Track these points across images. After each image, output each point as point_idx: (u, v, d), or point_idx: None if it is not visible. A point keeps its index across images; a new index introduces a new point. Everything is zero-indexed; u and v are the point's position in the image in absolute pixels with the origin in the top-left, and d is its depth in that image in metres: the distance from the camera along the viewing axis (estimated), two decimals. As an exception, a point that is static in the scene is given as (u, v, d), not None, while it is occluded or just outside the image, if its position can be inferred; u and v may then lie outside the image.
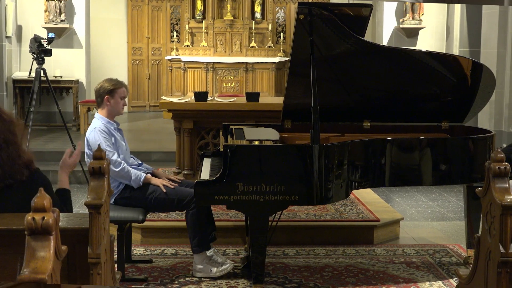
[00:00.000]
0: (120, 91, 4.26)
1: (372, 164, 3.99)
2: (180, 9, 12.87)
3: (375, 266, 4.48)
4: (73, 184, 7.47)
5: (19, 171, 2.66)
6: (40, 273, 1.85)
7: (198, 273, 4.18)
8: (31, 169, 2.71)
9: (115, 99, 4.25)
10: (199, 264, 4.17)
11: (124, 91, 4.30)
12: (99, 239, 2.50)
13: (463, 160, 4.21)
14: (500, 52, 8.45)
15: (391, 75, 4.49)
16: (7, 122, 2.67)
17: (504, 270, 2.75)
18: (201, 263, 4.16)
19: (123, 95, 4.29)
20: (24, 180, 2.66)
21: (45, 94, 9.02)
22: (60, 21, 10.02)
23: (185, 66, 12.10)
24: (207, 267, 4.15)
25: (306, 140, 4.11)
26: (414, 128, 4.67)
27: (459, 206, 6.53)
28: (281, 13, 13.03)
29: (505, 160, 2.91)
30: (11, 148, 2.65)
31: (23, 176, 2.66)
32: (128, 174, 4.15)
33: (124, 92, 4.30)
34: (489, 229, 2.88)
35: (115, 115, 4.34)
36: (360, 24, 4.13)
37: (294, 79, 4.39)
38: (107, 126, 4.25)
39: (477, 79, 4.49)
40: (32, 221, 1.91)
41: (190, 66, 12.11)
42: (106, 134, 4.20)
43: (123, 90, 4.29)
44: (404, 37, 10.54)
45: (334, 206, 5.52)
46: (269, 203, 3.71)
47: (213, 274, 4.14)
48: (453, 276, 4.27)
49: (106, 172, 2.62)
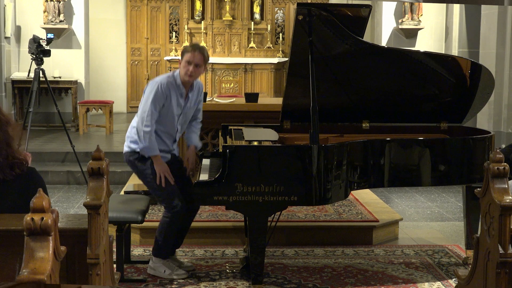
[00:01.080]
0: (187, 55, 4.09)
1: (371, 164, 3.99)
2: (179, 9, 12.86)
3: (374, 267, 4.48)
4: (72, 184, 7.47)
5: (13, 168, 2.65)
6: (39, 273, 1.85)
7: (150, 270, 4.23)
8: (24, 169, 2.70)
9: (182, 62, 4.11)
10: (153, 263, 4.23)
11: (191, 56, 4.08)
12: (98, 239, 2.50)
13: (462, 160, 4.21)
14: (499, 53, 8.45)
15: (390, 75, 4.49)
16: (2, 122, 2.69)
17: (503, 270, 2.76)
18: (156, 262, 4.22)
19: (189, 59, 4.08)
20: (18, 178, 2.66)
21: (44, 95, 9.02)
22: (59, 22, 10.02)
23: (184, 67, 12.08)
24: (162, 267, 4.20)
25: (305, 140, 4.11)
26: (413, 129, 4.68)
27: (458, 206, 6.53)
28: (280, 14, 13.03)
29: (504, 160, 2.92)
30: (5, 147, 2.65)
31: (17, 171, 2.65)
32: (146, 141, 4.06)
33: (190, 57, 4.08)
34: (488, 230, 2.88)
35: (183, 79, 4.14)
36: (359, 25, 4.13)
37: (293, 79, 4.40)
38: (169, 86, 4.11)
39: (476, 80, 4.49)
40: (31, 222, 1.91)
41: (189, 67, 12.09)
42: (160, 93, 4.07)
43: (189, 55, 4.09)
44: (403, 38, 10.55)
45: (333, 206, 5.52)
46: (268, 203, 3.71)
47: (165, 275, 4.18)
48: (452, 276, 4.27)
49: (105, 173, 2.62)
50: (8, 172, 2.64)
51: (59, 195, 6.84)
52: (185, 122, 4.31)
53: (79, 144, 8.25)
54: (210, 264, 4.48)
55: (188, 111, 4.26)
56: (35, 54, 7.10)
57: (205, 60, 4.14)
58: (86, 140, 9.03)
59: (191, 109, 4.29)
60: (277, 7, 12.99)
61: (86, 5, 10.52)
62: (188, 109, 4.25)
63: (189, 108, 4.26)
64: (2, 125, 2.69)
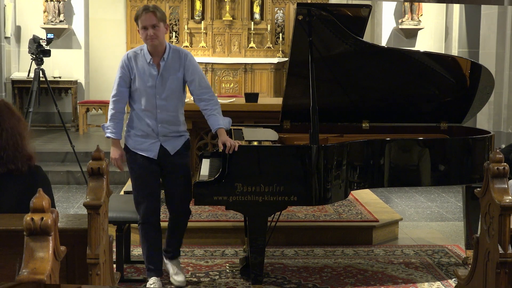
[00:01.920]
0: (140, 21, 3.70)
1: (371, 164, 3.99)
2: (179, 9, 12.86)
3: (374, 267, 4.48)
4: (72, 184, 7.47)
5: (22, 161, 2.77)
6: (39, 273, 1.85)
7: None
8: (31, 165, 2.81)
9: (140, 30, 3.73)
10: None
11: (143, 20, 3.66)
12: (98, 239, 2.50)
13: (462, 160, 4.21)
14: (498, 53, 8.45)
15: (390, 75, 4.49)
16: (16, 116, 2.85)
17: (502, 270, 2.76)
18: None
19: (143, 24, 3.67)
20: (24, 173, 2.76)
21: (44, 95, 9.01)
22: (59, 22, 10.02)
23: (184, 67, 12.08)
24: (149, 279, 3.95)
25: (305, 140, 4.11)
26: (413, 129, 4.68)
27: (458, 206, 6.53)
28: (280, 14, 13.03)
29: (504, 160, 2.92)
30: (17, 138, 2.79)
31: (24, 167, 2.77)
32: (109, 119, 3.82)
33: (143, 21, 3.67)
34: (488, 230, 2.88)
35: (148, 46, 3.76)
36: (359, 25, 4.13)
37: (293, 79, 4.39)
38: (133, 56, 3.79)
39: (476, 80, 4.49)
40: (31, 222, 1.91)
41: (189, 67, 12.09)
42: (122, 63, 3.79)
43: (142, 19, 3.67)
44: (403, 38, 10.55)
45: (333, 206, 5.52)
46: (268, 203, 3.71)
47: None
48: (452, 276, 4.27)
49: (105, 173, 2.62)
50: (25, 165, 2.76)
51: (59, 195, 6.84)
52: (171, 97, 3.80)
53: (79, 144, 8.25)
54: (210, 264, 4.48)
55: (168, 83, 3.77)
56: (35, 54, 7.10)
57: (159, 18, 3.68)
58: (86, 140, 9.03)
59: (174, 81, 3.79)
60: (277, 7, 12.98)
61: (86, 5, 10.52)
62: (167, 79, 3.77)
63: (167, 79, 3.77)
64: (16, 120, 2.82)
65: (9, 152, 2.76)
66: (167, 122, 3.84)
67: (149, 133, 3.84)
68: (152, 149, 3.86)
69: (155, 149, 3.86)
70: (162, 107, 3.79)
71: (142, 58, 3.76)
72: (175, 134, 3.90)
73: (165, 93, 3.79)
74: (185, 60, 3.81)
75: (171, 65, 3.79)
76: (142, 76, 3.76)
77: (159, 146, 3.86)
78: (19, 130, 2.82)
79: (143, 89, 3.78)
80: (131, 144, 3.90)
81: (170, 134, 3.88)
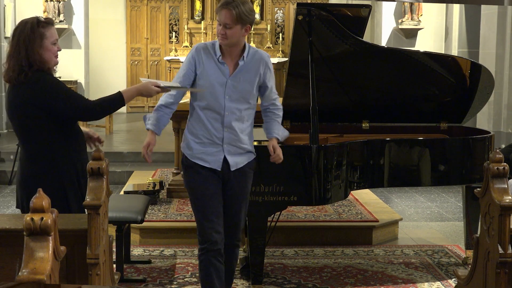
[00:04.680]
0: (218, 12, 3.22)
1: (371, 164, 3.99)
2: (179, 9, 12.87)
3: (374, 267, 4.48)
4: (72, 184, 7.46)
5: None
6: (38, 273, 1.84)
7: None
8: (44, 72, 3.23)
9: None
10: None
11: (218, 16, 3.20)
12: (98, 239, 2.50)
13: (462, 160, 4.21)
14: (498, 53, 8.46)
15: (390, 75, 4.49)
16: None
17: (502, 270, 2.76)
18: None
19: (218, 19, 3.21)
20: (33, 81, 3.13)
21: (44, 95, 9.00)
22: (59, 22, 10.02)
23: (184, 67, 12.08)
24: None
25: (305, 140, 4.11)
26: (412, 129, 4.68)
27: (457, 206, 6.53)
28: (279, 14, 13.04)
29: (503, 160, 2.92)
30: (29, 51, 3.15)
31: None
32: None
33: (218, 16, 3.21)
34: (487, 230, 2.88)
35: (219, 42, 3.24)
36: (359, 25, 4.13)
37: (293, 79, 4.39)
38: (203, 48, 3.27)
39: (476, 80, 4.49)
40: (31, 222, 1.91)
41: (189, 67, 12.10)
42: (190, 56, 3.28)
43: (218, 14, 3.20)
44: (403, 38, 10.55)
45: (333, 206, 5.52)
46: (268, 203, 3.71)
47: None
48: (451, 276, 4.27)
49: (105, 173, 2.62)
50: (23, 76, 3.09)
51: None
52: (241, 100, 3.26)
53: (79, 144, 8.23)
54: (210, 264, 4.47)
55: (240, 84, 3.24)
56: (35, 54, 7.09)
57: (236, 18, 3.11)
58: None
59: (247, 83, 3.26)
60: (277, 7, 12.99)
61: (86, 5, 10.52)
62: (241, 81, 3.24)
63: (241, 80, 3.24)
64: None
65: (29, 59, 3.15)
66: (233, 129, 3.29)
67: (207, 137, 3.26)
68: (216, 158, 3.26)
69: (219, 159, 3.26)
70: (232, 110, 3.25)
71: (212, 52, 3.25)
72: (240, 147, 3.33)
73: (239, 95, 3.26)
74: (265, 65, 3.32)
75: (252, 67, 3.28)
76: (212, 69, 3.24)
77: (223, 157, 3.27)
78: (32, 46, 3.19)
79: (211, 83, 3.24)
80: (189, 153, 3.29)
81: (235, 144, 3.30)
